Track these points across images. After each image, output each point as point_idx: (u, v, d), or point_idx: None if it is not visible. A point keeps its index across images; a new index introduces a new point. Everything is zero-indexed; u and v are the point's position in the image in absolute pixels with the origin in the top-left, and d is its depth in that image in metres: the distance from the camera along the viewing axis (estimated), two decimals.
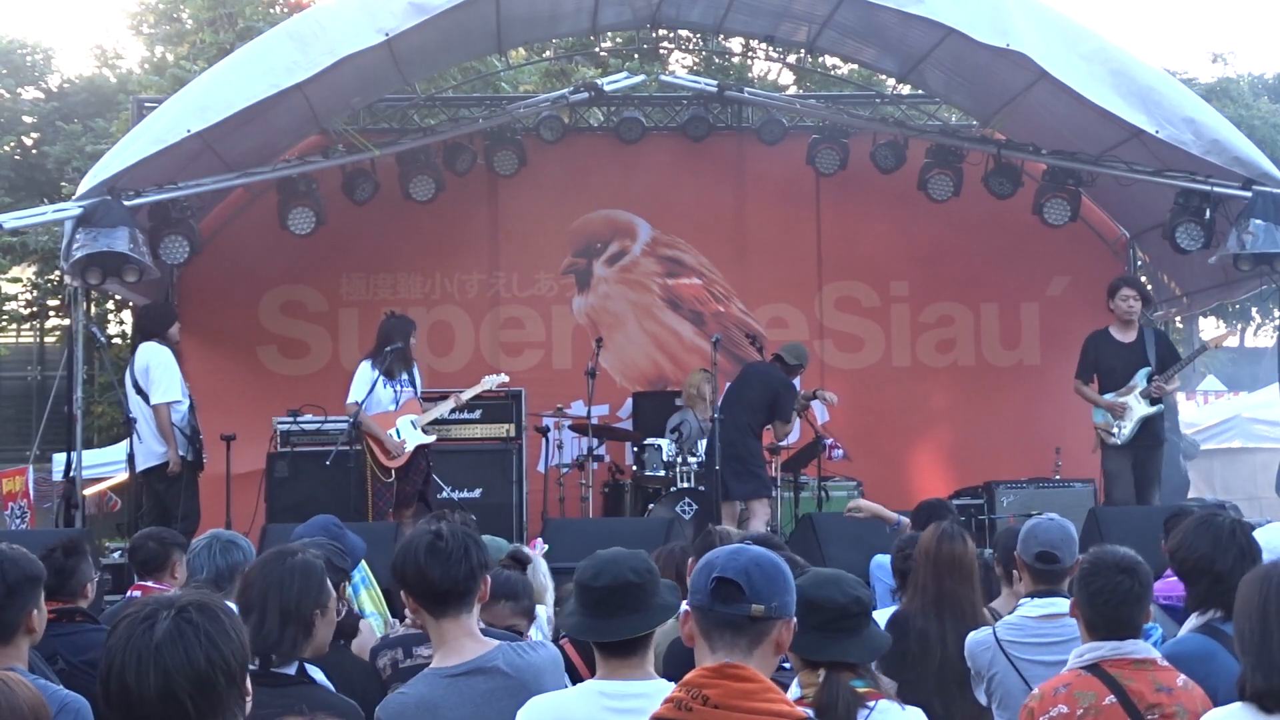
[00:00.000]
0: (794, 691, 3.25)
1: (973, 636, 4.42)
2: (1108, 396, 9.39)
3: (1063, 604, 4.28)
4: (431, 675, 3.41)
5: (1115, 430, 9.33)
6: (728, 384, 10.57)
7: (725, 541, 4.20)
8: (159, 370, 9.03)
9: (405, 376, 9.40)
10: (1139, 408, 9.32)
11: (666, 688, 3.03)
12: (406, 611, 3.68)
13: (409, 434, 9.29)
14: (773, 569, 2.68)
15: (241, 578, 3.74)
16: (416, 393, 9.42)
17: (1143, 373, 9.39)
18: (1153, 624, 4.83)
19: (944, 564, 4.69)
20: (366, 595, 5.34)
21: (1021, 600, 4.46)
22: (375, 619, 5.23)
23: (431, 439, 9.40)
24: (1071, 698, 3.39)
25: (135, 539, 5.86)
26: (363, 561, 5.34)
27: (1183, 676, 3.45)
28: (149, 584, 5.44)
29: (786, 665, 3.65)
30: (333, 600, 3.73)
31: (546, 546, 5.63)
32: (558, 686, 3.39)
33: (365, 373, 9.29)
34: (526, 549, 5.45)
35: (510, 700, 3.23)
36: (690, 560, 4.52)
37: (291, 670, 3.47)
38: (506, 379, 10.00)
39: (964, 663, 4.44)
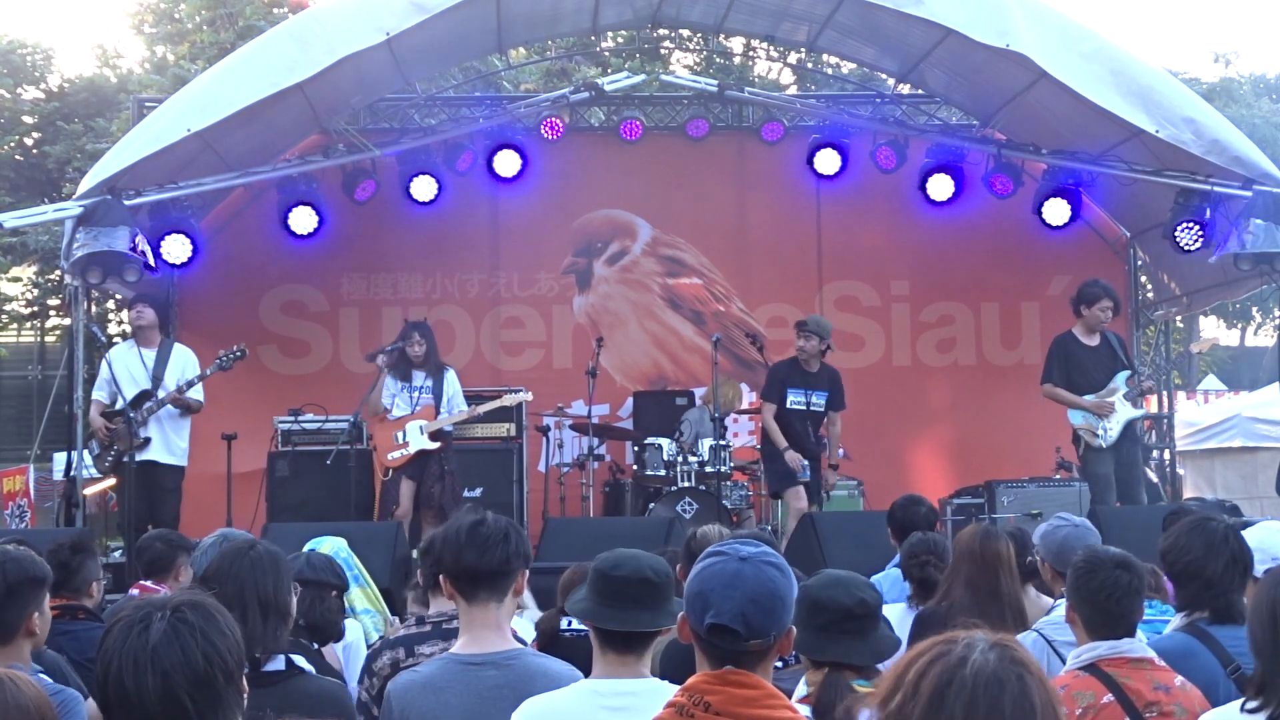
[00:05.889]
0: (800, 689, 3.25)
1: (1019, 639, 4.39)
2: (1089, 398, 9.34)
3: None
4: (447, 659, 3.45)
5: (1101, 431, 9.25)
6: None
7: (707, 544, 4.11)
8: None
9: (429, 383, 9.46)
10: (1124, 409, 9.29)
11: (660, 686, 3.03)
12: (410, 609, 3.68)
13: (414, 438, 9.35)
14: (770, 601, 2.52)
15: (203, 578, 3.69)
16: (440, 399, 9.46)
17: (1121, 375, 9.36)
18: None
19: (989, 562, 4.68)
20: (360, 593, 5.33)
21: (1057, 601, 4.44)
22: (370, 616, 5.22)
23: (435, 446, 9.40)
24: (1070, 698, 3.38)
25: (144, 539, 5.87)
26: (356, 559, 5.34)
27: (1180, 677, 3.46)
28: (149, 584, 5.44)
29: (779, 666, 3.66)
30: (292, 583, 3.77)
31: None
32: None
33: (386, 378, 9.52)
34: None
35: (517, 700, 3.24)
36: (678, 567, 4.47)
37: (281, 665, 3.45)
38: (530, 397, 10.20)
39: None
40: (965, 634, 1.87)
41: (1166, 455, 12.49)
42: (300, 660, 3.54)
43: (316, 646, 4.18)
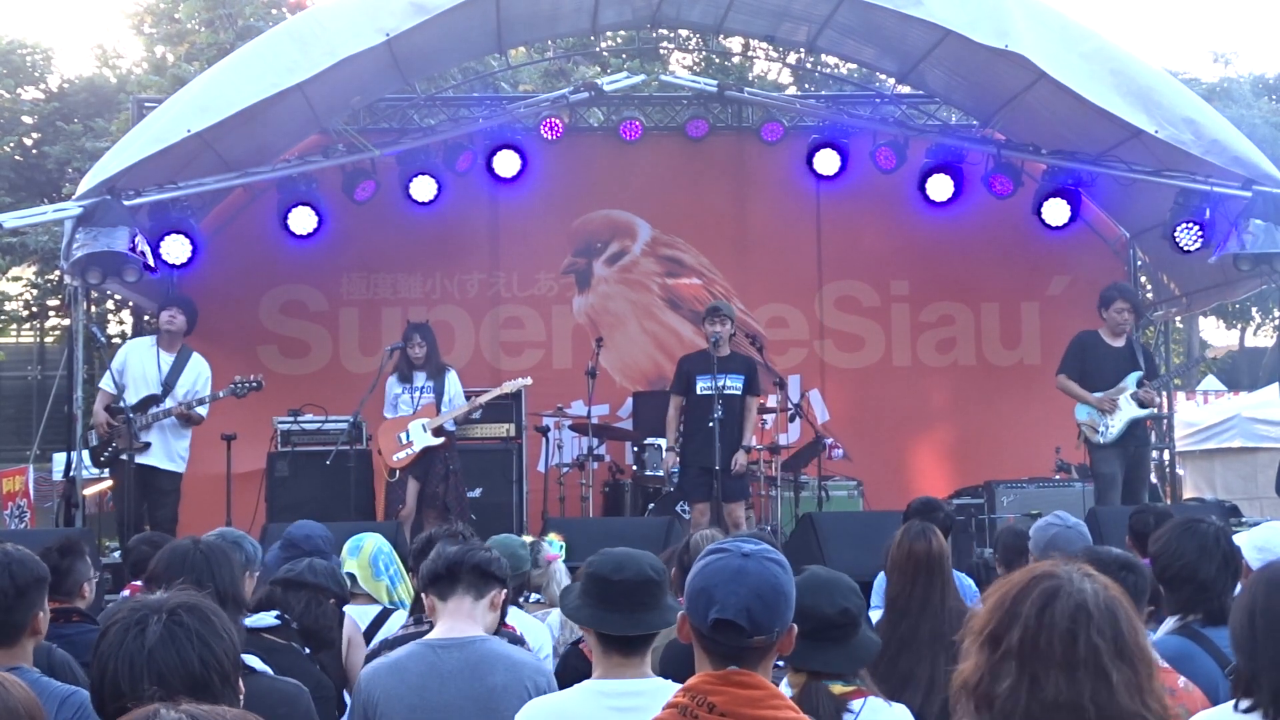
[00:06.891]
0: (784, 691, 3.25)
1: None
2: (1096, 395, 9.38)
3: None
4: (416, 644, 3.54)
5: (1101, 429, 9.31)
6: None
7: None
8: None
9: (430, 384, 9.50)
10: (1129, 408, 9.33)
11: (664, 685, 3.03)
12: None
13: (418, 437, 9.37)
14: (774, 597, 2.51)
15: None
16: (442, 400, 9.49)
17: (1133, 376, 9.40)
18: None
19: (895, 564, 4.68)
20: (404, 588, 5.39)
21: None
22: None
23: (439, 441, 9.43)
24: None
25: (131, 541, 5.89)
26: (395, 556, 5.40)
27: (1183, 678, 3.45)
28: (139, 584, 5.44)
29: (779, 665, 3.66)
30: None
31: (563, 545, 5.60)
32: (536, 691, 3.41)
33: (390, 380, 9.62)
34: (544, 551, 5.44)
35: (475, 679, 3.30)
36: (672, 571, 4.45)
37: None
38: (529, 382, 10.14)
39: (931, 662, 4.36)
40: (1053, 565, 2.18)
41: (1166, 456, 12.49)
42: (254, 660, 3.53)
43: (309, 652, 4.18)
